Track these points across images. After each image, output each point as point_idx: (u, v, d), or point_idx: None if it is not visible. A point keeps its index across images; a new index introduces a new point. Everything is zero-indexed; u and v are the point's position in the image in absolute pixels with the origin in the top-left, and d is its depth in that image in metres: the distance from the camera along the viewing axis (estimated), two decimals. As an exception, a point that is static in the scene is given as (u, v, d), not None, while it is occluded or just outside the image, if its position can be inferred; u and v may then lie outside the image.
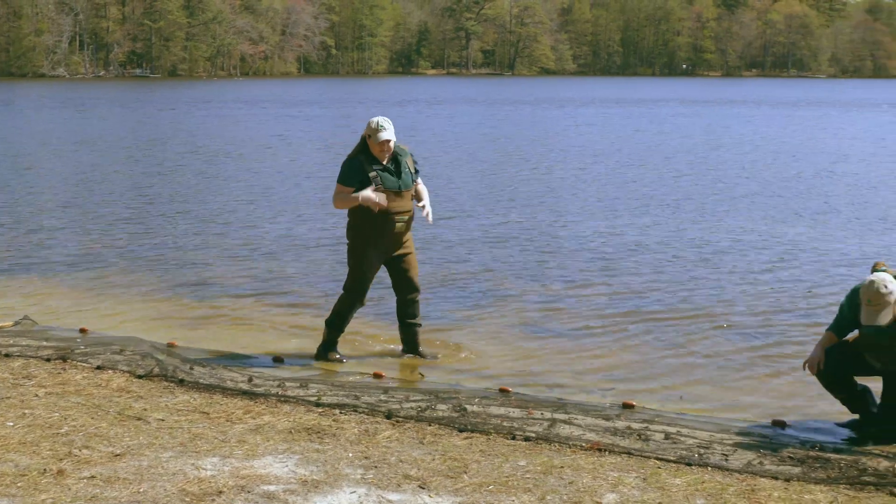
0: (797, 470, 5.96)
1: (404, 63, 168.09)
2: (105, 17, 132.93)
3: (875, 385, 6.94)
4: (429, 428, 6.63)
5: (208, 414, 6.82)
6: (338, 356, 8.55)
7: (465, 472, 5.77)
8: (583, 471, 5.84)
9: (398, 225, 8.22)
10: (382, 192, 8.08)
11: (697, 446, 6.34)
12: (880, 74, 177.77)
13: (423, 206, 8.45)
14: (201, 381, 7.65)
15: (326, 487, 5.50)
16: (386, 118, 8.16)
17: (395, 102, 63.30)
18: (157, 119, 44.93)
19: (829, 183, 22.19)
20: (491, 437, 6.47)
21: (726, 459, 6.11)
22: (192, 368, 7.99)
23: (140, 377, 7.70)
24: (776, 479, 5.81)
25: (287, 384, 7.58)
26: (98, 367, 7.93)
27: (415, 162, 8.42)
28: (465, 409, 7.00)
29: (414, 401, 7.21)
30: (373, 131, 8.08)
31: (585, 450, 6.23)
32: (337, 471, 5.75)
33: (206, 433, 6.39)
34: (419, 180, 8.49)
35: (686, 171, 24.77)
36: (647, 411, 7.20)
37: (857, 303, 6.59)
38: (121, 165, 25.53)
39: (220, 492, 5.40)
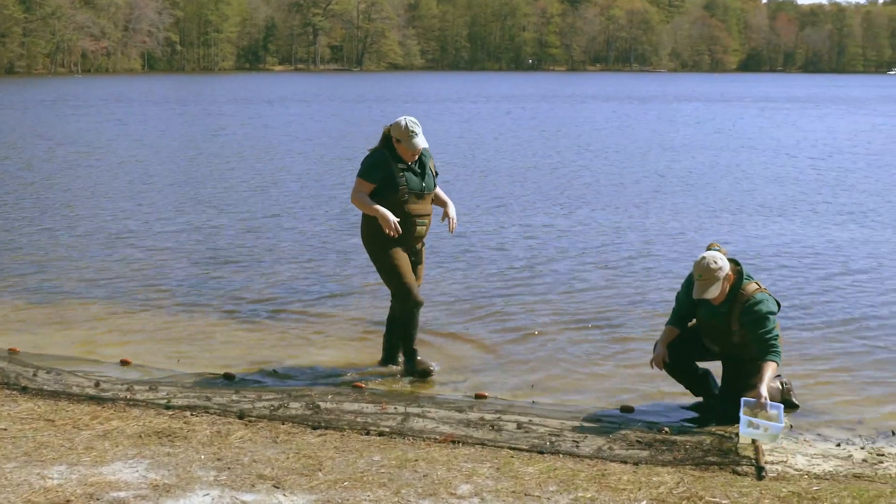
0: (645, 453, 6.14)
1: (251, 59, 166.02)
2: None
3: (715, 367, 7.22)
4: (282, 426, 6.59)
5: (54, 421, 6.63)
6: (429, 365, 8.13)
7: (320, 470, 5.75)
8: (437, 463, 5.89)
9: (419, 228, 7.85)
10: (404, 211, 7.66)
11: (549, 434, 6.47)
12: (717, 69, 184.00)
13: (448, 216, 7.98)
14: (46, 387, 7.44)
15: (179, 491, 5.41)
16: (415, 121, 7.66)
17: (264, 100, 61.86)
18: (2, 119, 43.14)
19: (694, 175, 22.81)
20: (345, 433, 6.46)
21: (577, 446, 6.25)
22: (35, 375, 7.76)
23: (-20, 386, 7.45)
24: (625, 462, 5.97)
25: (135, 387, 7.44)
26: (-66, 377, 7.64)
27: (434, 165, 8.04)
28: (318, 406, 6.98)
29: (266, 400, 7.15)
30: (404, 136, 7.59)
31: (439, 442, 6.29)
32: (189, 474, 5.66)
33: (52, 441, 6.21)
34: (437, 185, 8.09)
35: (556, 165, 25.11)
36: (499, 402, 7.32)
37: (691, 282, 6.88)
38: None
39: (68, 501, 5.25)
